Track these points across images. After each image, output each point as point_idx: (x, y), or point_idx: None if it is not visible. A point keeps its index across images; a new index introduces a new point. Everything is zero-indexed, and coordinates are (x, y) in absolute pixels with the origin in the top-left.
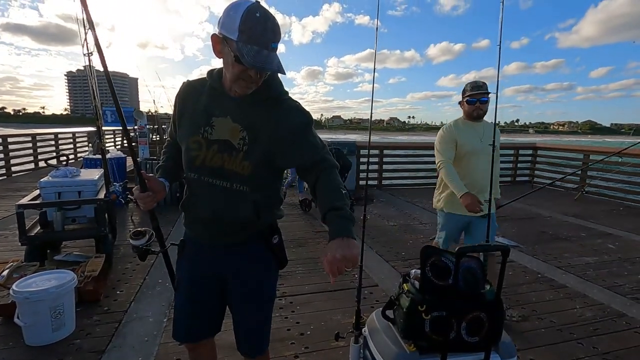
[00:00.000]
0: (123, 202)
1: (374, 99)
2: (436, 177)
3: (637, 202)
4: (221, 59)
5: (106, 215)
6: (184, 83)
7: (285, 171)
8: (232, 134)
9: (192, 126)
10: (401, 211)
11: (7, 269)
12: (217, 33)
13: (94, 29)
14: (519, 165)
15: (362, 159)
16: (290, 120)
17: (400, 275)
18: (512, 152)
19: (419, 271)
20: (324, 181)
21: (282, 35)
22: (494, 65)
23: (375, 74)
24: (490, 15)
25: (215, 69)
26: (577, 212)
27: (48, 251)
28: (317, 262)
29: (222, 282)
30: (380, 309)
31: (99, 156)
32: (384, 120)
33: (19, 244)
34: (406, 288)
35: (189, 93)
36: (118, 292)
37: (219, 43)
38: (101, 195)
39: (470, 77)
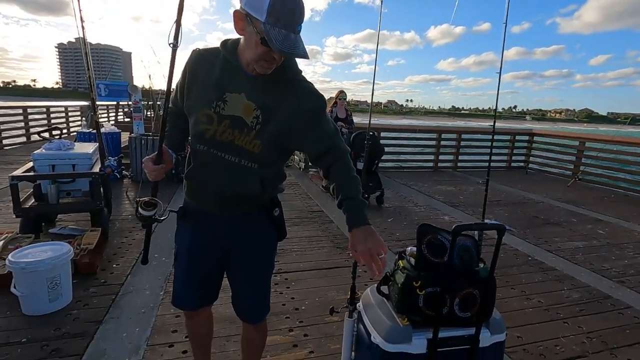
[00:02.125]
0: (118, 176)
1: (371, 81)
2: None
3: (628, 190)
4: (241, 36)
5: (101, 189)
6: (194, 51)
7: None
8: (245, 112)
9: (204, 99)
10: (397, 193)
11: (1, 240)
12: (240, 9)
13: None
14: (514, 151)
15: None
16: (306, 104)
17: (395, 254)
18: (508, 137)
19: (414, 248)
20: (339, 168)
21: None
22: (493, 49)
23: (375, 56)
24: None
25: (229, 40)
26: (570, 198)
27: (43, 224)
28: (312, 240)
29: (224, 252)
30: (375, 285)
31: (93, 130)
32: (381, 103)
33: (13, 216)
34: (402, 265)
35: (201, 63)
36: (114, 265)
37: (243, 20)
38: (96, 169)
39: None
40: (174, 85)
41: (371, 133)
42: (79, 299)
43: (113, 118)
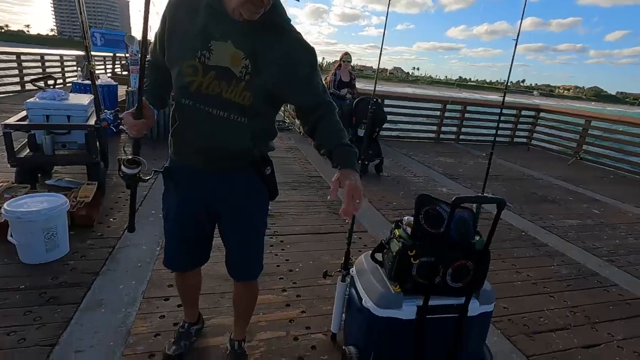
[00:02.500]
0: (114, 130)
1: (378, 46)
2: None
3: (628, 171)
4: None
5: (97, 142)
6: None
7: None
8: (232, 61)
9: (187, 49)
10: (396, 163)
11: None
12: None
13: None
14: (519, 126)
15: None
16: (299, 56)
17: (391, 223)
18: (514, 112)
19: (411, 218)
20: (329, 122)
21: None
22: (507, 18)
23: (384, 19)
24: None
25: None
26: (569, 177)
27: (39, 175)
28: (308, 205)
29: (213, 209)
30: (370, 251)
31: (89, 82)
32: (387, 70)
33: (8, 165)
34: (397, 233)
35: (182, 10)
36: (111, 219)
37: None
38: (91, 121)
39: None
40: (151, 32)
41: (375, 99)
42: (76, 250)
43: (110, 70)
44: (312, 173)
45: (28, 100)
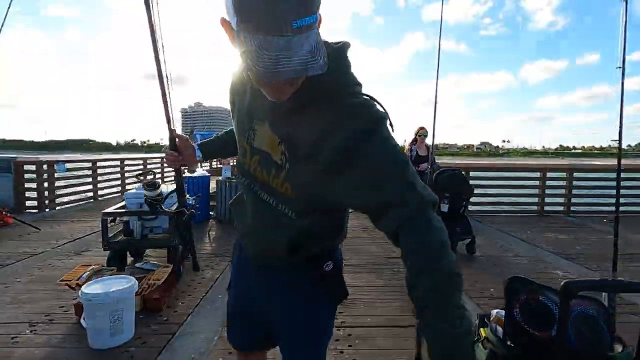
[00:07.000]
0: (197, 212)
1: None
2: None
3: None
4: None
5: (177, 227)
6: (232, 73)
7: None
8: (271, 146)
9: (239, 128)
10: (490, 241)
11: (88, 271)
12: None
13: None
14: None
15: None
16: (342, 130)
17: (477, 318)
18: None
19: (502, 312)
20: (410, 246)
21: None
22: (606, 80)
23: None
24: (596, 28)
25: None
26: None
27: (132, 259)
28: (384, 290)
29: (264, 307)
30: None
31: (190, 175)
32: (473, 145)
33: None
34: (484, 335)
35: (237, 86)
36: (180, 303)
37: (229, 30)
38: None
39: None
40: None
41: (456, 171)
42: (140, 336)
43: (207, 165)
44: (392, 254)
45: (127, 192)
